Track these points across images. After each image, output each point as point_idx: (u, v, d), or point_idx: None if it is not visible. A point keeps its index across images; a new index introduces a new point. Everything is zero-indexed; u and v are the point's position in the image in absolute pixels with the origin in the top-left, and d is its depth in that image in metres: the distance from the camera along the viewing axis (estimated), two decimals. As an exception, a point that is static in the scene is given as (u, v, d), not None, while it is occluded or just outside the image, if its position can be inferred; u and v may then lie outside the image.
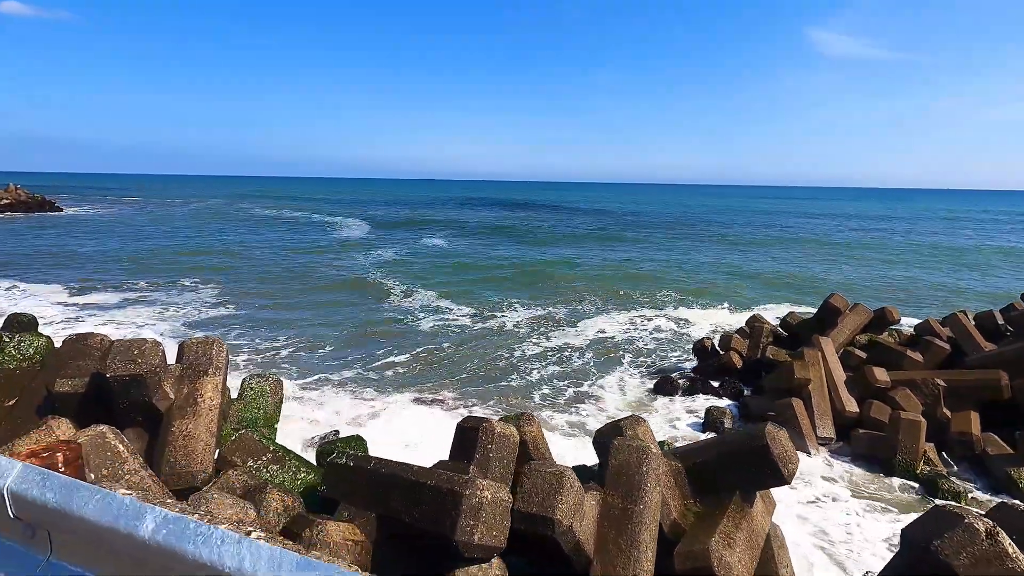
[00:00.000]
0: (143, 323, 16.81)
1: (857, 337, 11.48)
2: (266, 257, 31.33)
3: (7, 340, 7.60)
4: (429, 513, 3.57)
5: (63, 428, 4.85)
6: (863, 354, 10.72)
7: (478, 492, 3.44)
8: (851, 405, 9.32)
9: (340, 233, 46.45)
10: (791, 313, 12.54)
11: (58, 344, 9.51)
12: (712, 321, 18.96)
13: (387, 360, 13.82)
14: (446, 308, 20.56)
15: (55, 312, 17.59)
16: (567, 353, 15.25)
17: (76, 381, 5.20)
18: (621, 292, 23.61)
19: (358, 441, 6.18)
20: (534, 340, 16.44)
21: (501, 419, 5.54)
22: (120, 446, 4.50)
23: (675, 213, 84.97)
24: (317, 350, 14.48)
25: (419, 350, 14.98)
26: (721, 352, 12.47)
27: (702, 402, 11.10)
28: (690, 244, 43.16)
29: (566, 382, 12.62)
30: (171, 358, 5.76)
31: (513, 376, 12.96)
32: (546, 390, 12.07)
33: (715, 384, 11.64)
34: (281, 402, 6.81)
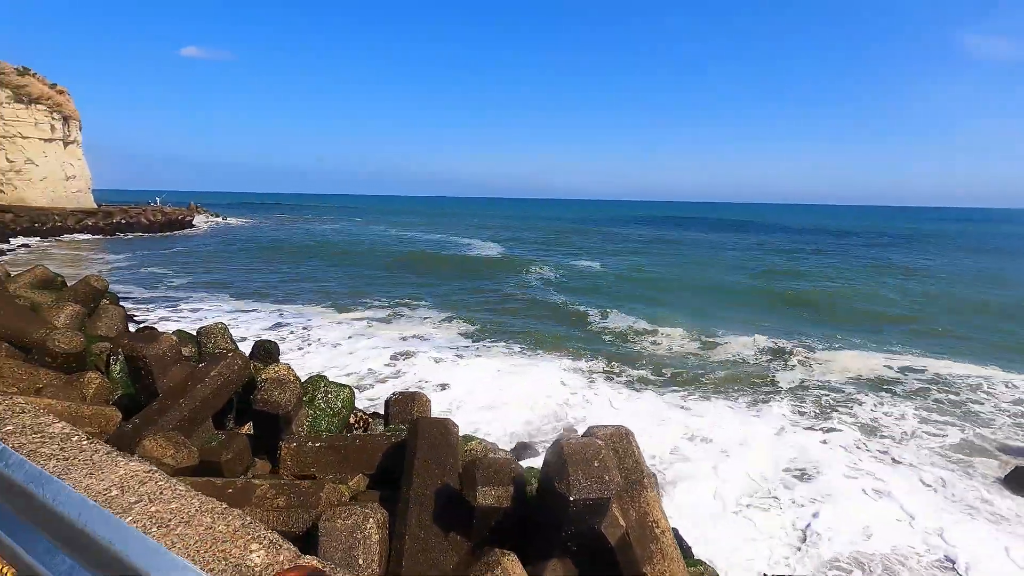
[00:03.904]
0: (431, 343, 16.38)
1: None
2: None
3: (313, 390, 6.66)
4: None
5: (517, 572, 3.40)
6: None
7: None
8: None
9: (482, 254, 46.20)
10: None
11: (366, 395, 8.58)
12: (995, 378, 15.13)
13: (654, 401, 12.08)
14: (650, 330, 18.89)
15: (338, 334, 17.12)
16: (814, 394, 12.69)
17: (500, 491, 3.78)
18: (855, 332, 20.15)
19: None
20: (779, 373, 14.27)
21: None
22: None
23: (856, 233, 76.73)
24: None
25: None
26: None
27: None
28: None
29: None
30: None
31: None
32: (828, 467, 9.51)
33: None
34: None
